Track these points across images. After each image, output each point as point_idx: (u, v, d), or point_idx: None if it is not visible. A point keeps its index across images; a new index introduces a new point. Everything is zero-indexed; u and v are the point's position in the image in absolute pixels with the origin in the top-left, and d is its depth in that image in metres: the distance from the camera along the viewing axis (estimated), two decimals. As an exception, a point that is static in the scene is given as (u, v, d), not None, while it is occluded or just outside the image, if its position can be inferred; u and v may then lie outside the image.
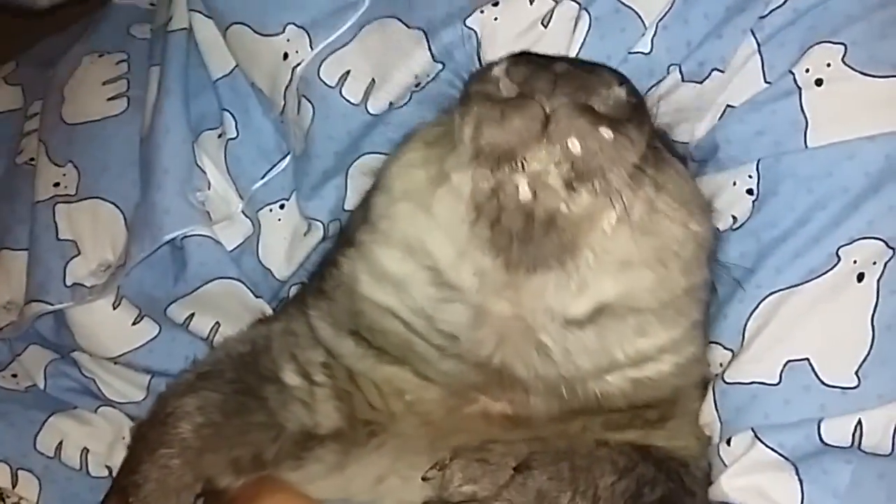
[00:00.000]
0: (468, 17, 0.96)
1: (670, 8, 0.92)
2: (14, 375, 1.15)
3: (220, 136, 1.12)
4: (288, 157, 1.11)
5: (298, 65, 1.03)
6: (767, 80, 0.89)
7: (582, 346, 0.80)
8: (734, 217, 0.90)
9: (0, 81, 1.35)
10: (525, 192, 0.73)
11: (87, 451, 1.11)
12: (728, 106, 0.91)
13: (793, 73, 0.87)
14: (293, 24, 1.03)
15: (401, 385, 0.88)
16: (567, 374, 0.81)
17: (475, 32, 0.96)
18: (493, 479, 0.78)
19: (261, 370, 0.93)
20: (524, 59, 0.75)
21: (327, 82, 1.01)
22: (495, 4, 0.96)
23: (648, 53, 0.93)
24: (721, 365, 0.88)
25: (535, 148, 0.71)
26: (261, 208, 1.11)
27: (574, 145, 0.71)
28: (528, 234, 0.74)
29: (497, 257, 0.77)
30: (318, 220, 1.09)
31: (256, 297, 1.10)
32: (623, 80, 0.76)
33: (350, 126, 1.02)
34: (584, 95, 0.72)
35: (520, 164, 0.72)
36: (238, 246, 1.10)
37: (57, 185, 1.15)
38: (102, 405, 1.14)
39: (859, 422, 0.80)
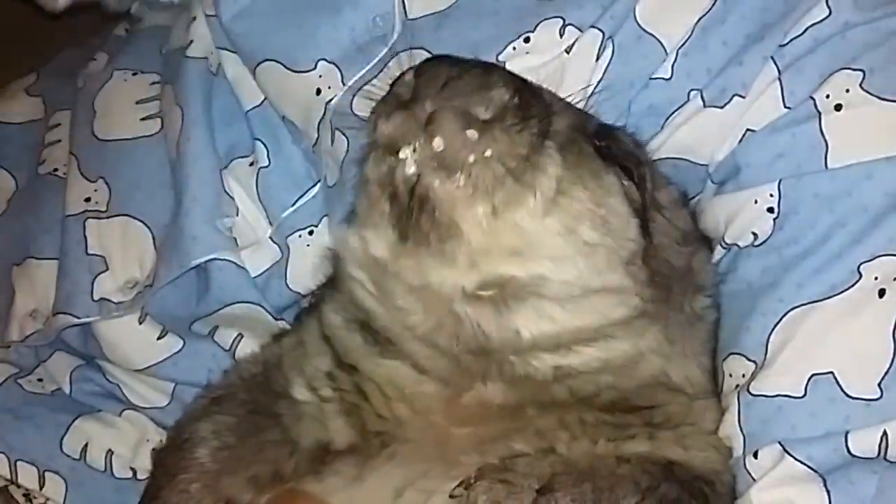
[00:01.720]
0: (500, 52, 0.92)
1: (690, 36, 0.89)
2: (40, 380, 1.10)
3: (251, 164, 1.07)
4: (318, 185, 1.06)
5: (331, 99, 0.98)
6: (787, 105, 0.86)
7: (486, 318, 0.77)
8: (755, 234, 0.86)
9: (21, 92, 1.30)
10: (410, 168, 0.72)
11: (112, 453, 1.06)
12: (748, 130, 0.87)
13: (813, 99, 0.84)
14: (324, 59, 0.99)
15: (401, 381, 0.84)
16: (484, 346, 0.78)
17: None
18: (517, 502, 0.74)
19: (273, 387, 0.89)
20: (433, 64, 0.75)
21: (361, 115, 0.95)
22: (526, 40, 0.92)
23: (669, 79, 0.90)
24: (744, 376, 0.83)
25: (413, 142, 0.71)
26: (290, 234, 1.06)
27: (438, 143, 0.71)
28: (412, 208, 0.73)
29: (395, 230, 0.75)
30: None
31: (277, 319, 1.05)
32: (513, 84, 0.74)
33: None
34: (465, 99, 0.72)
35: (405, 152, 0.72)
36: (266, 270, 1.05)
37: (88, 200, 1.10)
38: (127, 409, 1.09)
39: (884, 433, 0.76)
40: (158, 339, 1.06)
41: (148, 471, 0.94)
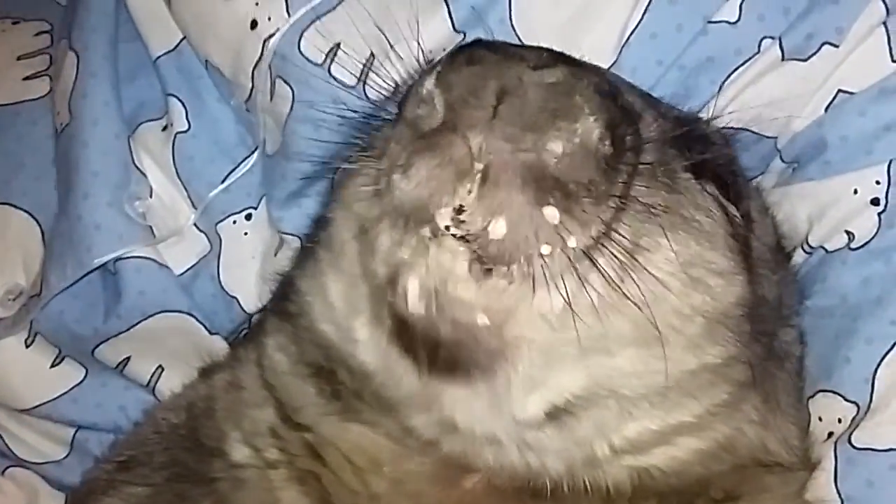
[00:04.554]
0: None
1: None
2: None
3: (164, 128, 0.89)
4: (255, 154, 0.87)
5: (271, 36, 0.78)
6: None
7: (543, 444, 0.60)
8: (850, 233, 0.70)
9: None
10: (415, 305, 0.53)
11: (-8, 526, 0.92)
12: (841, 91, 0.71)
13: None
14: None
15: (374, 452, 0.67)
16: (537, 469, 0.62)
17: None
18: None
19: (203, 441, 0.74)
20: (462, 61, 0.52)
21: (311, 59, 0.77)
22: None
23: (735, 23, 0.73)
24: (840, 421, 0.68)
25: (450, 206, 0.51)
26: (221, 220, 0.87)
27: (498, 229, 0.50)
28: (433, 342, 0.55)
29: (404, 357, 0.57)
30: (293, 235, 0.85)
31: (212, 333, 0.87)
32: (603, 106, 0.52)
33: (342, 114, 0.75)
34: (533, 137, 0.50)
35: (424, 239, 0.52)
36: (190, 268, 0.87)
37: None
38: (11, 465, 0.92)
39: None
40: (52, 366, 0.89)
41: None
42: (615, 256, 0.54)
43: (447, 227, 0.50)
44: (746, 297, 0.61)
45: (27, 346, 0.88)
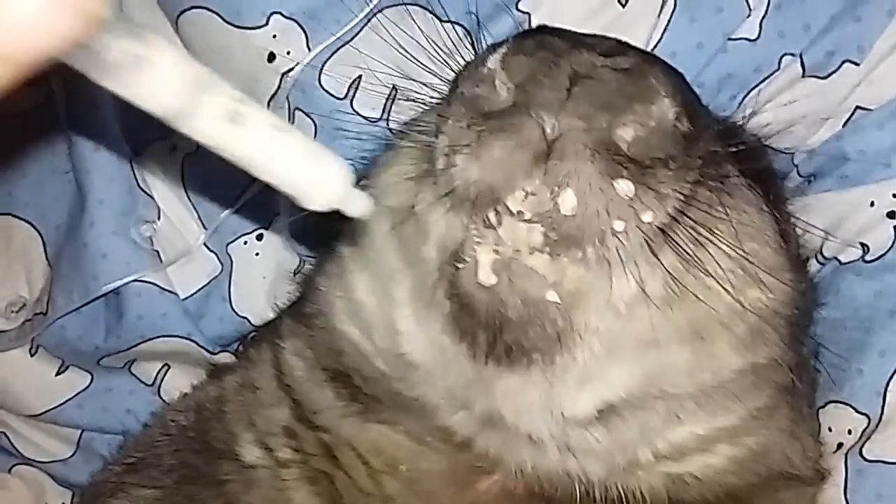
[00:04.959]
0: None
1: None
2: None
3: (173, 148, 0.83)
4: None
5: (290, 70, 0.74)
6: None
7: (589, 446, 0.58)
8: (865, 246, 0.71)
9: None
10: (487, 274, 0.51)
11: (-1, 522, 0.90)
12: (859, 108, 0.72)
13: None
14: (280, 13, 0.74)
15: (392, 452, 0.65)
16: (575, 473, 0.59)
17: (529, 17, 0.73)
18: None
19: (211, 444, 0.71)
20: (532, 45, 0.51)
21: (333, 93, 0.75)
22: None
23: (755, 40, 0.72)
24: (851, 433, 0.68)
25: (521, 189, 0.49)
26: (232, 241, 0.84)
27: (567, 201, 0.48)
28: (498, 321, 0.52)
29: (459, 342, 0.54)
30: (313, 258, 0.84)
31: (214, 354, 0.85)
32: (675, 87, 0.51)
33: (367, 148, 0.73)
34: (608, 117, 0.49)
35: (492, 219, 0.50)
36: (201, 289, 0.83)
37: None
38: (18, 463, 0.90)
39: None
40: (57, 374, 0.86)
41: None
42: (690, 237, 0.51)
43: (519, 212, 0.48)
44: (794, 298, 0.59)
45: (31, 356, 0.86)
